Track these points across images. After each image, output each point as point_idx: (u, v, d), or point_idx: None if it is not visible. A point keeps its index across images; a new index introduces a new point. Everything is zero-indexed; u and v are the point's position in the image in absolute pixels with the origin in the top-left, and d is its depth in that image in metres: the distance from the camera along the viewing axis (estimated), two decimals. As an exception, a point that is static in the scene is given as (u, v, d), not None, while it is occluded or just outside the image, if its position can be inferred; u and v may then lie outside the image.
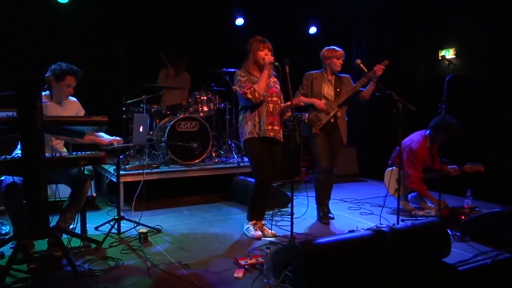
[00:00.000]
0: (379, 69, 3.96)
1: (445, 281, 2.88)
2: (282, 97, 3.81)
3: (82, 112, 3.70)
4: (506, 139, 5.18)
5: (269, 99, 3.67)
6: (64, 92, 3.46)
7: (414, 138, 4.65)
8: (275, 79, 3.78)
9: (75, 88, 3.53)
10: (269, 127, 3.64)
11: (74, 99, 3.67)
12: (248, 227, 3.81)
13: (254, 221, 3.82)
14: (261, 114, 3.63)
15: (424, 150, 4.57)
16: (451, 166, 4.59)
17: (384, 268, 2.75)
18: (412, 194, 4.84)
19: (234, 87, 3.71)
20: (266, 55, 3.64)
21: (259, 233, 3.72)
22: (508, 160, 5.10)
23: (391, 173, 4.73)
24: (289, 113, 3.81)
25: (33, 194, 2.77)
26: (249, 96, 3.54)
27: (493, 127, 5.30)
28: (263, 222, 3.89)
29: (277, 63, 3.57)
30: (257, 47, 3.67)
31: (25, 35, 5.37)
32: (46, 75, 3.39)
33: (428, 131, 4.61)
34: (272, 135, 3.66)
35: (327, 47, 4.16)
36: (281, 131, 3.78)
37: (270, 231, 3.79)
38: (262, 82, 3.58)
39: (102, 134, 3.66)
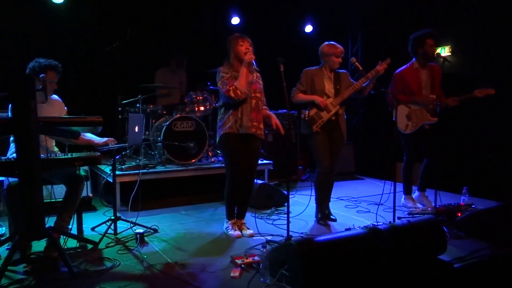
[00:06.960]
0: (382, 68, 3.86)
1: (441, 279, 2.89)
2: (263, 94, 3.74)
3: (64, 111, 3.64)
4: (501, 136, 5.20)
5: (252, 94, 3.62)
6: (48, 88, 3.33)
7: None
8: (258, 74, 3.74)
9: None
10: (252, 124, 3.59)
11: (56, 97, 3.61)
12: (227, 226, 3.80)
13: (233, 220, 3.81)
14: (244, 110, 3.58)
15: (403, 74, 4.51)
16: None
17: (380, 266, 2.75)
18: (418, 194, 4.77)
19: (218, 83, 3.63)
20: (246, 49, 3.58)
21: (238, 232, 3.71)
22: (504, 157, 5.12)
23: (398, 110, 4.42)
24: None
25: (29, 195, 2.76)
26: (232, 94, 3.48)
27: (489, 124, 5.32)
28: (243, 221, 3.87)
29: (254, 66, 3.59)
30: (236, 43, 3.61)
31: (19, 35, 5.35)
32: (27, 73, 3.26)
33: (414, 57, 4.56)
34: (253, 131, 3.61)
35: (327, 42, 4.05)
36: (262, 128, 3.71)
37: (249, 230, 3.77)
38: (241, 79, 3.52)
39: (94, 136, 3.61)
